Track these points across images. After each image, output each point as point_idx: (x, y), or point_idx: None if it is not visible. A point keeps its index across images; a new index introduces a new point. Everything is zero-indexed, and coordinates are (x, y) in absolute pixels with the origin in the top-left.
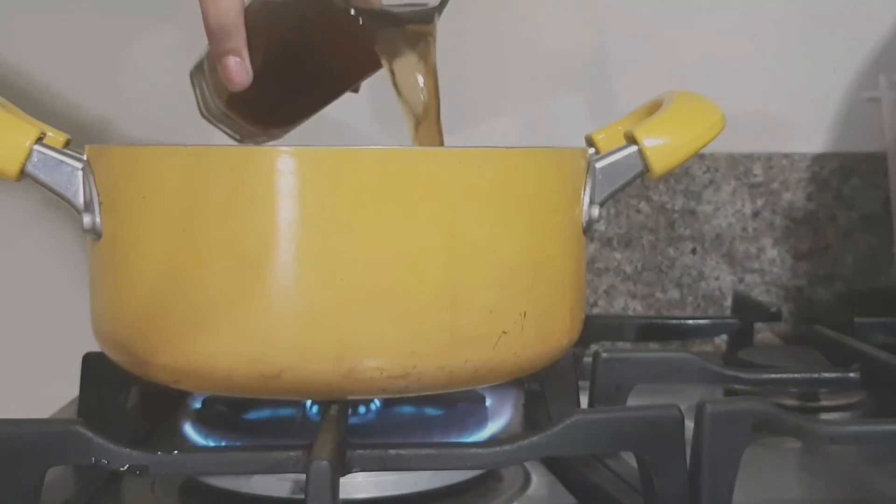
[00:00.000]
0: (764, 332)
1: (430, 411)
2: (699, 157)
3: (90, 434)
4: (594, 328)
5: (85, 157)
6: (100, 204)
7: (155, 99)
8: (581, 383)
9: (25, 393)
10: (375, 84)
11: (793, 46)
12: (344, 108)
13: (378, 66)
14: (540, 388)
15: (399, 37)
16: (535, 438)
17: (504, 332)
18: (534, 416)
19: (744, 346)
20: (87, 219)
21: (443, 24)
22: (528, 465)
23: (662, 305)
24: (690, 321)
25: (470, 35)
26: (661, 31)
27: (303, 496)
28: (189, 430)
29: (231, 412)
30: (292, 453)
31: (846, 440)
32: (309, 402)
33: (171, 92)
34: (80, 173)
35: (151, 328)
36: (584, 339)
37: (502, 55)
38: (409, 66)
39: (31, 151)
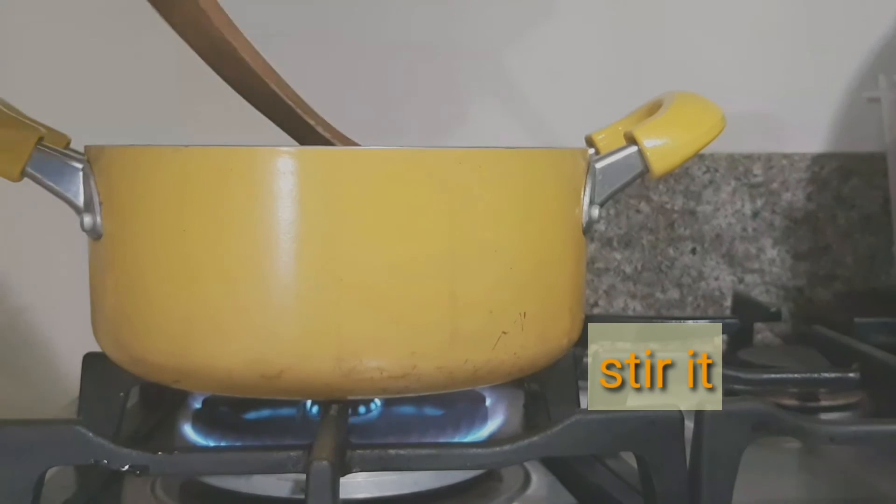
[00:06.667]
0: (764, 332)
1: (430, 411)
2: (699, 157)
3: (90, 434)
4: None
5: (85, 158)
6: (100, 204)
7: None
8: (581, 383)
9: (25, 393)
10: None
11: (792, 46)
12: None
13: None
14: (540, 389)
15: None
16: (535, 438)
17: (504, 333)
18: (534, 416)
19: (744, 346)
20: (87, 219)
21: (441, 25)
22: (528, 465)
23: (662, 305)
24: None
25: (468, 34)
26: (660, 30)
27: (303, 496)
28: (189, 430)
29: (231, 412)
30: (292, 453)
31: (846, 440)
32: (309, 402)
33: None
34: (80, 173)
35: (151, 328)
36: (584, 339)
37: (502, 54)
38: None
39: (31, 152)
